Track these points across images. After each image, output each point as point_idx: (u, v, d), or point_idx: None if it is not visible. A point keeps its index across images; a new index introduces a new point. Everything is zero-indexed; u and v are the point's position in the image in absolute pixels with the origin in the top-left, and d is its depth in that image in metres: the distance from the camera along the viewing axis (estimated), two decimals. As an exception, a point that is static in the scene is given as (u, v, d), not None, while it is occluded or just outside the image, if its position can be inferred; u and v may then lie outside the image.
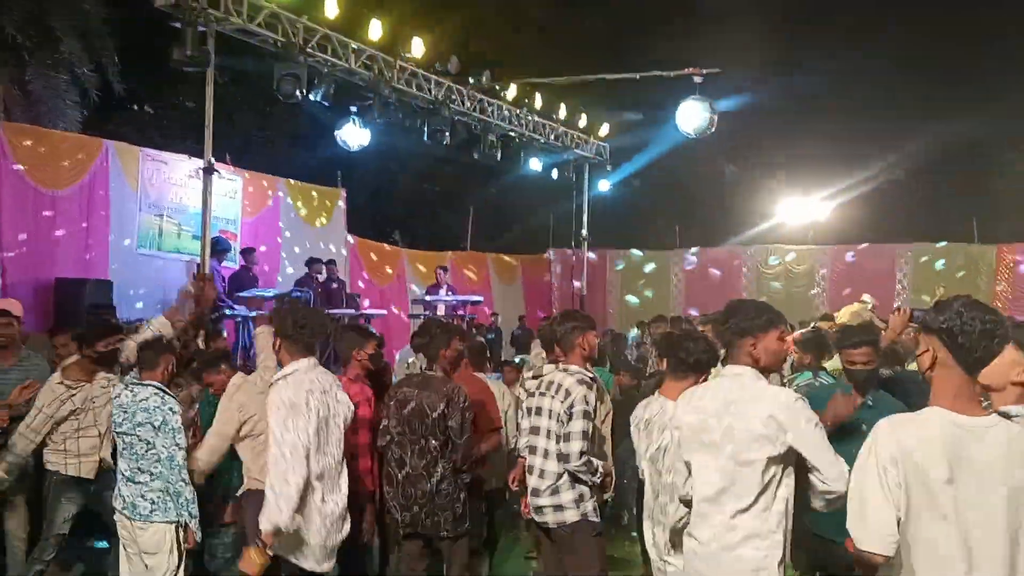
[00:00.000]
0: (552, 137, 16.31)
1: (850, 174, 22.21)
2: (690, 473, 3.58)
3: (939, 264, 18.96)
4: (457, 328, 6.21)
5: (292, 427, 4.22)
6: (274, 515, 4.14)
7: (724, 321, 3.66)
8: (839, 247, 20.23)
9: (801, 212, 21.72)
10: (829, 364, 6.29)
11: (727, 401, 3.50)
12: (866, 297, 13.88)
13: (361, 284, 16.34)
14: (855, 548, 2.77)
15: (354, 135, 13.79)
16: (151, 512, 4.83)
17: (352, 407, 4.67)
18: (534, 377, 5.18)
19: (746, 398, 3.46)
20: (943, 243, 19.19)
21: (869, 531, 2.73)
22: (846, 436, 3.92)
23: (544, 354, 6.52)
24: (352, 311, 13.25)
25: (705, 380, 4.38)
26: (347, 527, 4.55)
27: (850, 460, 2.92)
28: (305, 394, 4.31)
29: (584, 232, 18.21)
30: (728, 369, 3.62)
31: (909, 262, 19.04)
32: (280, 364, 4.55)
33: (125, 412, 4.91)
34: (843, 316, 12.24)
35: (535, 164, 16.43)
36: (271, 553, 4.19)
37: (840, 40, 22.59)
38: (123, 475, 4.93)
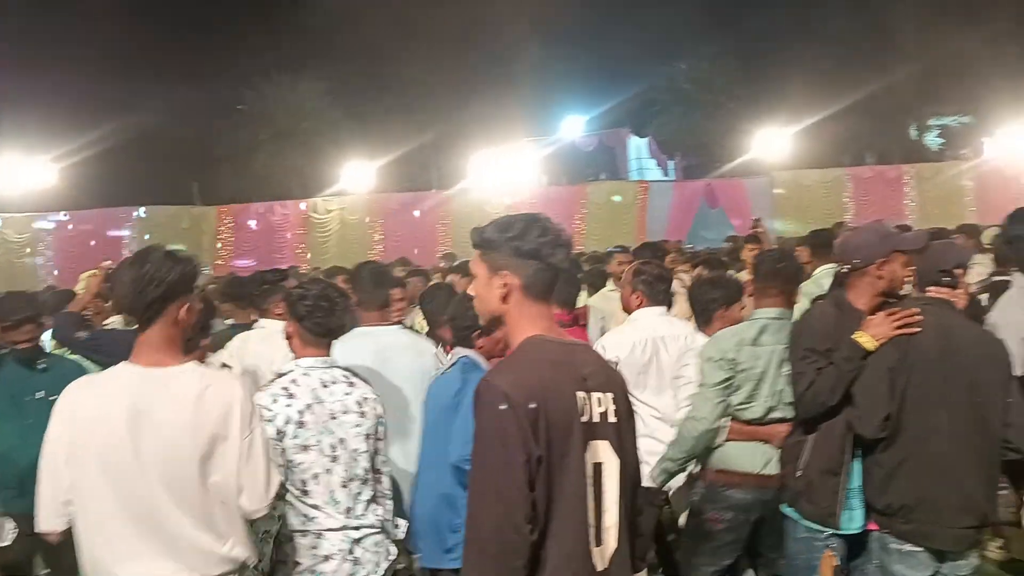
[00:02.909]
0: None
1: (79, 137, 21.52)
2: None
3: (184, 224, 19.36)
4: None
5: None
6: None
7: None
8: (71, 213, 19.46)
9: (22, 176, 20.25)
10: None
11: None
12: (106, 263, 13.66)
13: None
14: None
15: None
16: None
17: None
18: None
19: None
20: (173, 206, 19.80)
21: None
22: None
23: None
24: None
25: None
26: None
27: None
28: None
29: None
30: None
31: (136, 225, 19.22)
32: None
33: None
34: (80, 284, 11.96)
35: None
36: None
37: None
38: None
